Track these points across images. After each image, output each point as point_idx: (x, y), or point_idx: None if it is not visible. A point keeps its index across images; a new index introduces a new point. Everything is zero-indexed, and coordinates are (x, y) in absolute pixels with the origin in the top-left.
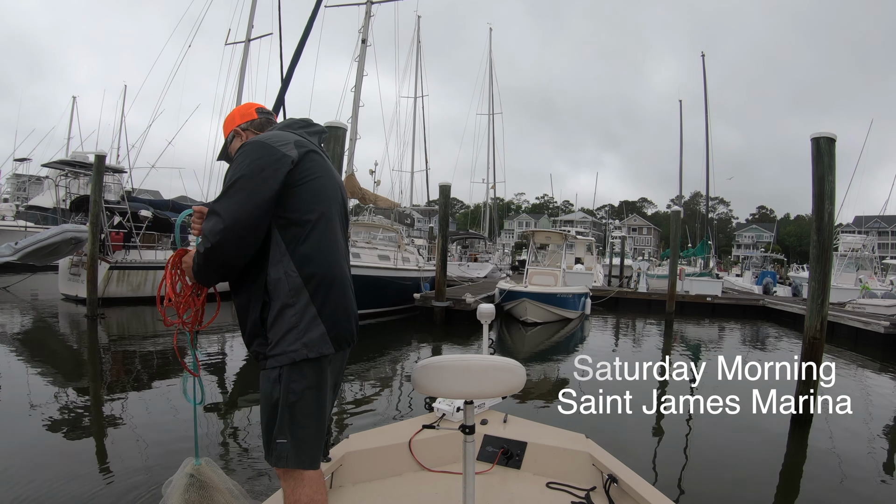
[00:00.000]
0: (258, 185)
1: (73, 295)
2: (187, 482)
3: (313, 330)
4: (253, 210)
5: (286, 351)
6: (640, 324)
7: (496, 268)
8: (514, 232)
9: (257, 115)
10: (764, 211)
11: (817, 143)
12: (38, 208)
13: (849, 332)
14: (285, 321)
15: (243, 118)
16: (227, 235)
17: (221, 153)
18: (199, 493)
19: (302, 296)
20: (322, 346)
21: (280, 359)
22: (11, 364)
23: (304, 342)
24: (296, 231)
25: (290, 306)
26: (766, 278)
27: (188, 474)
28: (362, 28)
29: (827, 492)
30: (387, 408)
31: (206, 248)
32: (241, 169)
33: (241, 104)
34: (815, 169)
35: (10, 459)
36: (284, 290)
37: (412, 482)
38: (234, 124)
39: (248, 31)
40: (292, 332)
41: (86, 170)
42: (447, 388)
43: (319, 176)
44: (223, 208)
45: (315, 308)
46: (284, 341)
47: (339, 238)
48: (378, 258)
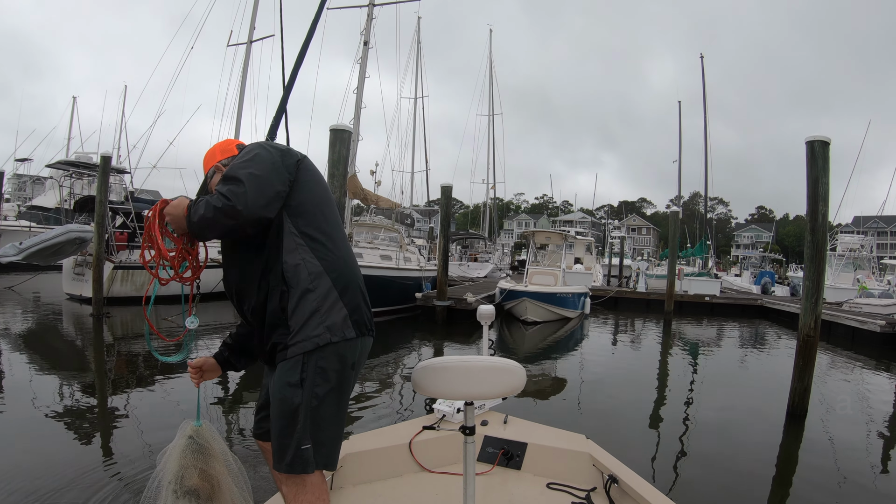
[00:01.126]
0: (275, 167)
1: (78, 294)
2: (185, 444)
3: (336, 313)
4: (273, 184)
5: (310, 336)
6: (639, 323)
7: (496, 268)
8: (514, 232)
9: (237, 152)
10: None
11: (812, 146)
12: (40, 208)
13: (846, 332)
14: (307, 306)
15: (224, 154)
16: (249, 198)
17: (201, 189)
18: (195, 457)
19: (323, 280)
20: (345, 329)
21: (303, 345)
22: (21, 363)
23: (328, 325)
24: (309, 220)
25: (312, 291)
26: (764, 278)
27: (187, 436)
28: (364, 30)
29: (823, 488)
30: (387, 409)
31: (225, 204)
32: (256, 150)
33: (220, 141)
34: (810, 171)
35: (22, 454)
36: (304, 275)
37: (412, 483)
38: (214, 160)
39: (249, 32)
40: (315, 316)
41: (90, 171)
42: (447, 390)
43: (319, 179)
44: (245, 174)
45: (337, 292)
46: (308, 326)
47: (346, 239)
48: (380, 258)
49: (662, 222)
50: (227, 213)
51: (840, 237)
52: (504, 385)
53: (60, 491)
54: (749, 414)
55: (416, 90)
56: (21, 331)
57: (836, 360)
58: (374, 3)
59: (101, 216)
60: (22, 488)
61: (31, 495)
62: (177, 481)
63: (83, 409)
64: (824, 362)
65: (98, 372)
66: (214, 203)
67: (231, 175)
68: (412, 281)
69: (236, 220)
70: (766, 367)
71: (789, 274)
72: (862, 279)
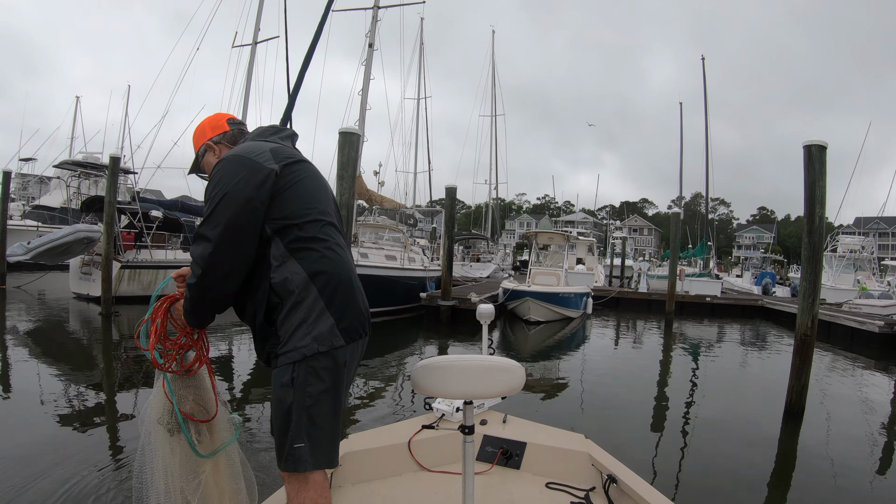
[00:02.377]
0: (243, 203)
1: (85, 294)
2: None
3: (322, 323)
4: (239, 229)
5: (297, 347)
6: (641, 323)
7: (498, 268)
8: (515, 232)
9: (229, 127)
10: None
11: (809, 150)
12: (45, 208)
13: (845, 332)
14: (295, 317)
15: (214, 130)
16: (216, 258)
17: (193, 167)
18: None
19: (310, 291)
20: (332, 339)
21: (291, 355)
22: (31, 361)
23: (314, 336)
24: (294, 232)
25: (299, 303)
26: (765, 279)
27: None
28: (369, 32)
29: (821, 486)
30: (386, 408)
31: (199, 274)
32: (224, 187)
33: (211, 115)
34: (807, 175)
35: (35, 447)
36: (291, 288)
37: (411, 482)
38: (205, 137)
39: (254, 33)
40: (301, 327)
41: (98, 171)
42: (447, 389)
43: (304, 177)
44: (210, 231)
45: (323, 302)
46: (294, 337)
47: (338, 234)
48: (385, 258)
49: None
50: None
51: (841, 238)
52: (503, 384)
53: (68, 483)
54: (748, 411)
55: (418, 90)
56: (31, 329)
57: (836, 361)
58: (378, 5)
59: (110, 216)
60: (31, 483)
61: (40, 489)
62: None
63: (94, 403)
64: (824, 362)
65: (107, 368)
66: (191, 281)
67: (198, 233)
68: (416, 281)
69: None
70: (765, 367)
71: (790, 275)
72: (862, 280)
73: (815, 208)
